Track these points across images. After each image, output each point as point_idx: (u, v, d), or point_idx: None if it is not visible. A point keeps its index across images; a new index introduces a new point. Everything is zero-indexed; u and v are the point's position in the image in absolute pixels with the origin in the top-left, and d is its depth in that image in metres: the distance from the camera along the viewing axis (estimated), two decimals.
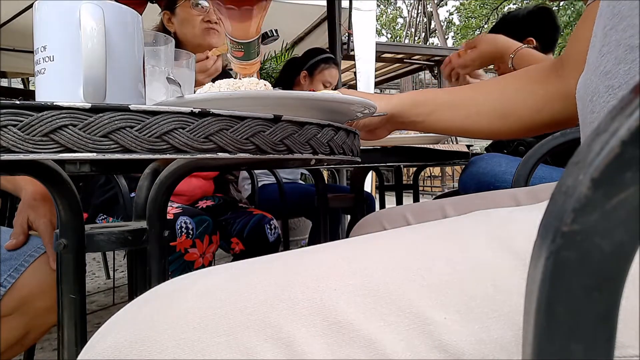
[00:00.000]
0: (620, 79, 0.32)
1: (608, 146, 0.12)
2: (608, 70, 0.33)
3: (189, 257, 1.00)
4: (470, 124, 0.66)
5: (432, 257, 0.26)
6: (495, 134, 0.67)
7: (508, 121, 0.64)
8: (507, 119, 0.64)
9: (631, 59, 0.31)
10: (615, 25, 0.33)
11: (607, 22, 0.34)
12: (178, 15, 1.27)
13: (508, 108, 0.64)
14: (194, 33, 1.24)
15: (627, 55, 0.32)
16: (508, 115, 0.63)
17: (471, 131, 0.67)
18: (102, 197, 1.15)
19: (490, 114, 0.65)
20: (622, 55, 0.32)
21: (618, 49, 0.33)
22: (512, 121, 0.64)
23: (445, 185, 8.74)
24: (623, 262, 0.12)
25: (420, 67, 8.25)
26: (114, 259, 2.57)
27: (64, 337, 0.53)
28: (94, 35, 0.38)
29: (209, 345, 0.24)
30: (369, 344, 0.23)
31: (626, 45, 0.32)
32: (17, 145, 0.31)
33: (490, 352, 0.23)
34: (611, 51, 0.33)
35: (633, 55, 0.31)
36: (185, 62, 0.77)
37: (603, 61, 0.34)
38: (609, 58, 0.34)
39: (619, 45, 0.33)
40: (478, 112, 0.66)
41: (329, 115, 0.48)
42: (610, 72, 0.33)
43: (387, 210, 0.70)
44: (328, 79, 1.95)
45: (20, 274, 0.72)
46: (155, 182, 0.58)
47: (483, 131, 0.66)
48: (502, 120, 0.64)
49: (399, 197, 1.80)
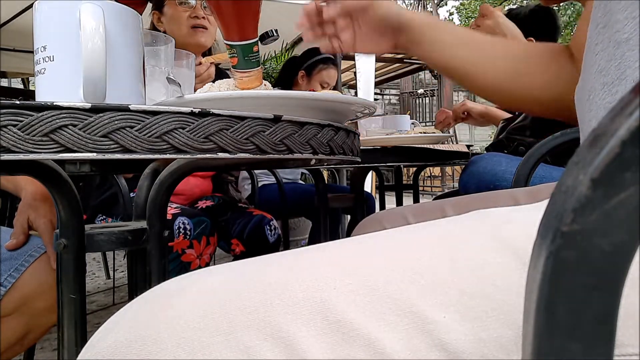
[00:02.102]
0: (613, 75, 0.32)
1: (608, 146, 0.12)
2: (602, 67, 0.34)
3: (186, 257, 1.00)
4: (478, 70, 0.60)
5: (432, 256, 0.26)
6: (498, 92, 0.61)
7: (517, 83, 0.59)
8: (518, 79, 0.58)
9: (620, 54, 0.32)
10: (606, 22, 0.33)
11: (599, 20, 0.35)
12: (166, 13, 1.26)
13: (523, 68, 0.58)
14: (182, 31, 1.23)
15: (616, 51, 0.32)
16: (522, 74, 0.58)
17: (475, 78, 0.61)
18: (99, 198, 1.15)
19: (504, 67, 0.59)
20: (612, 52, 0.32)
21: (609, 46, 0.33)
22: (521, 84, 0.58)
23: (445, 185, 8.74)
24: (623, 262, 0.12)
25: (420, 67, 8.24)
26: (114, 259, 2.57)
27: (64, 337, 0.53)
28: (94, 35, 0.38)
29: (208, 344, 0.24)
30: (369, 343, 0.23)
31: (614, 41, 0.32)
32: (17, 145, 0.31)
33: (490, 351, 0.23)
34: (605, 49, 0.34)
35: (621, 51, 0.32)
36: (185, 62, 0.77)
37: (597, 59, 0.35)
38: (602, 56, 0.34)
39: (609, 42, 0.33)
40: (493, 61, 0.59)
41: (329, 115, 0.48)
42: (604, 70, 0.33)
43: (387, 211, 0.70)
44: (326, 80, 1.92)
45: (20, 273, 0.72)
46: (155, 182, 0.58)
47: (487, 83, 0.60)
48: (514, 77, 0.59)
49: (399, 197, 1.80)
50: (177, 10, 1.23)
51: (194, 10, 1.23)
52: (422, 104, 10.72)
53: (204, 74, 1.15)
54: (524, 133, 1.28)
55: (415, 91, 10.77)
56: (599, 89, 0.34)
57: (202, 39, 1.24)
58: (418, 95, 10.62)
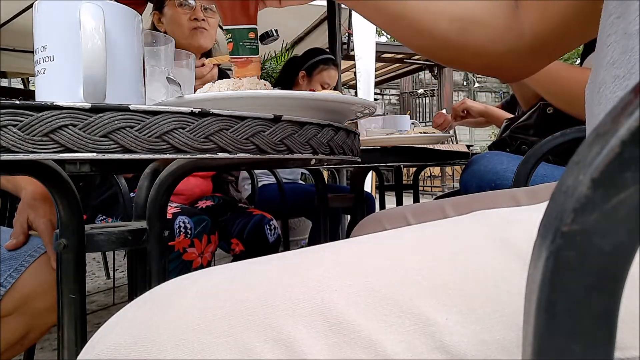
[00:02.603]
0: (625, 68, 0.32)
1: (608, 146, 0.12)
2: (615, 60, 0.33)
3: (188, 256, 1.00)
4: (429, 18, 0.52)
5: (434, 257, 0.26)
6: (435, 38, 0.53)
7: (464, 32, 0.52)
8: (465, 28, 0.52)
9: (631, 46, 0.31)
10: (621, 13, 0.33)
11: (612, 10, 0.34)
12: (166, 14, 1.26)
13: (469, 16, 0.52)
14: (182, 32, 1.23)
15: (628, 43, 0.32)
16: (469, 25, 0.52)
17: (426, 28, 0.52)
18: (99, 198, 1.15)
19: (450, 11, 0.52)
20: (625, 44, 0.32)
21: (623, 37, 0.32)
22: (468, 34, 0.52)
23: (445, 185, 8.73)
24: (623, 262, 0.12)
25: (420, 67, 8.25)
26: (114, 259, 2.57)
27: (64, 337, 0.53)
28: (94, 35, 0.38)
29: (209, 346, 0.24)
30: (370, 345, 0.23)
31: (624, 33, 0.32)
32: (17, 145, 0.31)
33: (492, 353, 0.23)
34: (618, 40, 0.33)
35: (632, 43, 0.31)
36: (185, 62, 0.77)
37: (609, 51, 0.34)
38: (615, 47, 0.33)
39: (624, 33, 0.32)
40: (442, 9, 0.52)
41: (329, 115, 0.48)
42: (616, 62, 0.33)
43: (387, 210, 0.70)
44: (326, 80, 1.92)
45: (20, 274, 0.72)
46: (155, 182, 0.58)
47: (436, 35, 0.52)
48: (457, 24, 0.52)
49: (399, 197, 1.80)
50: (177, 12, 1.23)
51: (194, 11, 1.23)
52: (422, 104, 10.72)
53: (207, 76, 1.15)
54: (528, 132, 1.28)
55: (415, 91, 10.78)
56: (610, 81, 0.33)
57: (202, 40, 1.24)
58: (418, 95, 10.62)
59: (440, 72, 8.44)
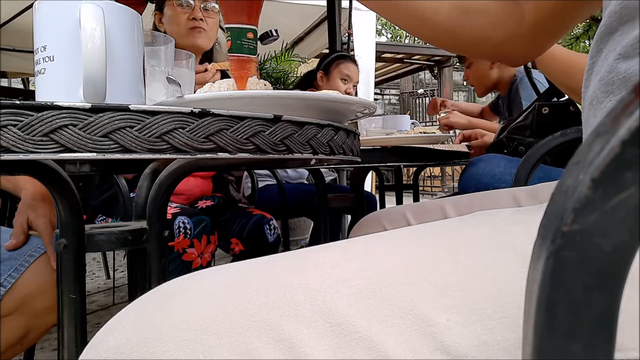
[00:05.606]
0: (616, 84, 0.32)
1: (608, 146, 0.12)
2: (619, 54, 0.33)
3: (187, 257, 1.00)
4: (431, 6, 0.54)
5: (435, 258, 0.26)
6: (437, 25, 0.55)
7: (465, 19, 0.53)
8: (465, 15, 0.53)
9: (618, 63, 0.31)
10: (614, 28, 0.33)
11: (606, 22, 0.34)
12: (166, 14, 1.27)
13: (472, 5, 0.53)
14: (180, 32, 1.22)
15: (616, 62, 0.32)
16: (469, 13, 0.53)
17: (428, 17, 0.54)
18: (99, 198, 1.15)
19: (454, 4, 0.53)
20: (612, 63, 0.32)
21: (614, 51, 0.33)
22: (469, 21, 0.53)
23: (445, 185, 8.73)
24: (623, 262, 0.12)
25: (420, 67, 8.25)
26: (114, 259, 2.57)
27: (64, 337, 0.53)
28: (94, 35, 0.38)
29: (210, 346, 0.24)
30: (371, 346, 0.23)
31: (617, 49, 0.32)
32: (17, 145, 0.31)
33: (493, 354, 0.22)
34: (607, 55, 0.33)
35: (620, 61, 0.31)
36: (185, 62, 0.77)
37: (602, 66, 0.34)
38: (604, 64, 0.34)
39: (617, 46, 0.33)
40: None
41: (329, 115, 0.48)
42: (604, 78, 0.33)
43: (387, 210, 0.70)
44: (345, 72, 1.86)
45: (20, 274, 0.72)
46: (155, 182, 0.58)
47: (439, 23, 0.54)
48: (458, 11, 0.53)
49: (399, 197, 1.80)
50: (175, 11, 1.23)
51: (193, 11, 1.23)
52: (422, 104, 10.71)
53: (209, 81, 1.15)
54: (524, 133, 1.28)
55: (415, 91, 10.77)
56: (603, 97, 0.34)
57: (200, 40, 1.24)
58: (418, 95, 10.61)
59: (440, 72, 8.43)
